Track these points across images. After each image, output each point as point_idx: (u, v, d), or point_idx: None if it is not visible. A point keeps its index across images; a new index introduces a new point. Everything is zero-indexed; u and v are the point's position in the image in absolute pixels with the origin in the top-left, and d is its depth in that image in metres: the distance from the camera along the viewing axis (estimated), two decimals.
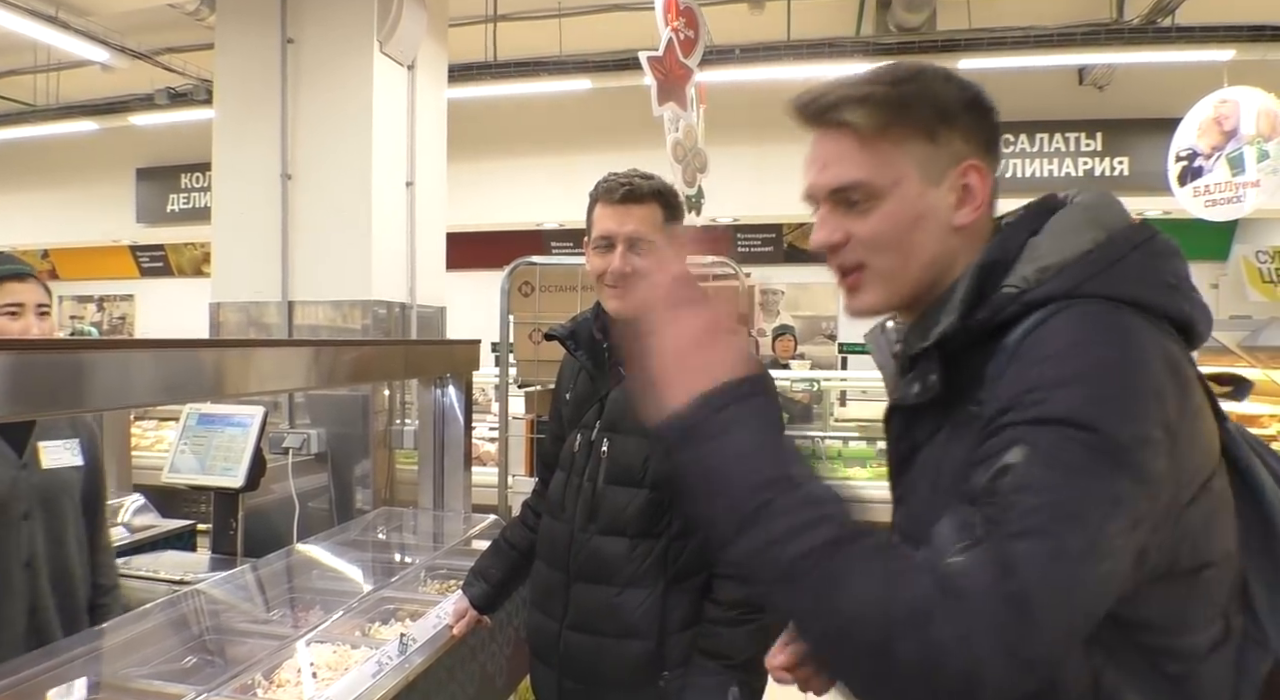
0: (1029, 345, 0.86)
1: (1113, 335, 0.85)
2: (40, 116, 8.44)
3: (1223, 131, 5.93)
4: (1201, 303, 0.96)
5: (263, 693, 1.83)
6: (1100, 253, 0.92)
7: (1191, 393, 0.86)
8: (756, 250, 10.07)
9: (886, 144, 0.96)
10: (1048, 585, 0.73)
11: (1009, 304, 0.90)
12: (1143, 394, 0.81)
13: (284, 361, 2.19)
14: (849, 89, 0.98)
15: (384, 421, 4.08)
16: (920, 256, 0.97)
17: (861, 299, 1.01)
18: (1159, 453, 0.80)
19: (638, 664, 1.68)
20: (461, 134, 5.33)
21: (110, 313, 12.53)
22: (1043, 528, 0.75)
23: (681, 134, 4.69)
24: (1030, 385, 0.82)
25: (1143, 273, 0.92)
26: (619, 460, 1.73)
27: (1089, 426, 0.78)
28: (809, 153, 1.03)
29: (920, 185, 0.96)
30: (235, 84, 4.27)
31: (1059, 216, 0.97)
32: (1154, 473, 0.79)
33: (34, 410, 1.45)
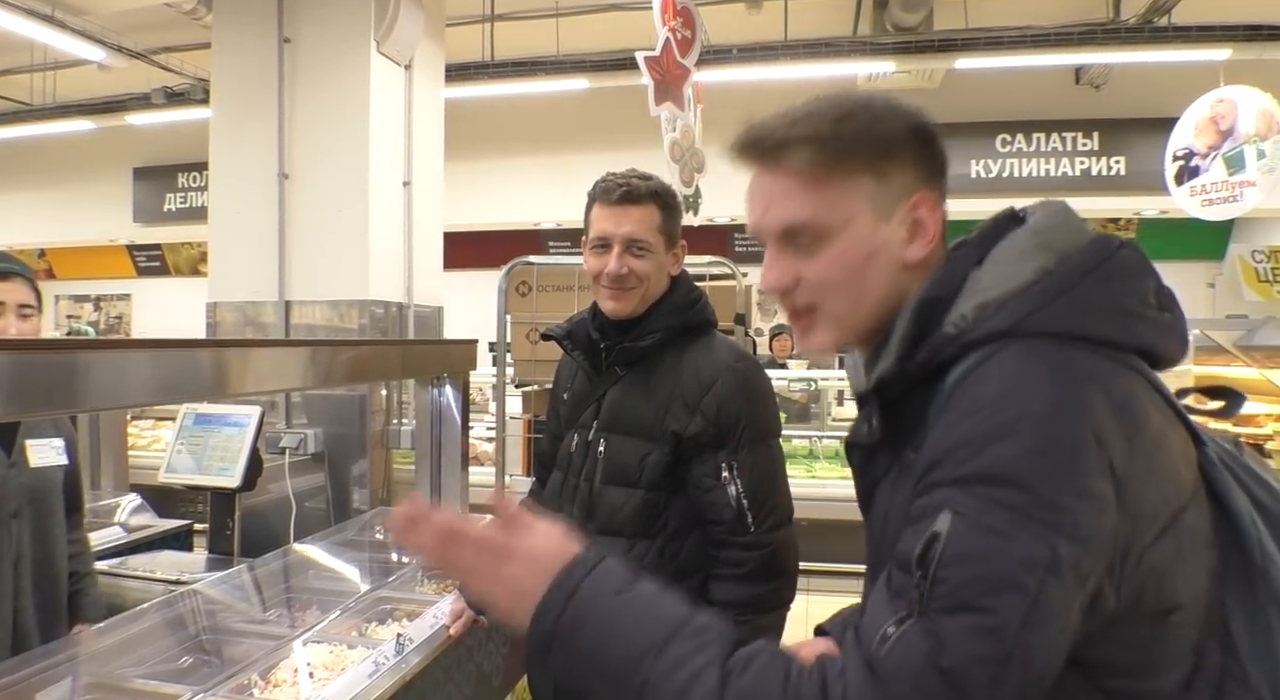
0: (961, 392, 0.82)
1: (1048, 380, 0.79)
2: (37, 116, 8.43)
3: (1219, 131, 5.94)
4: (1169, 323, 0.89)
5: (259, 693, 1.82)
6: (1049, 281, 0.85)
7: (1144, 428, 0.80)
8: (753, 250, 10.04)
9: (833, 183, 0.93)
10: (980, 661, 0.72)
11: (947, 345, 0.86)
12: (1078, 444, 0.76)
13: (281, 361, 2.18)
14: (789, 129, 0.95)
15: (381, 421, 4.08)
16: (872, 295, 0.94)
17: (813, 339, 0.99)
18: (1101, 507, 0.76)
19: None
20: (459, 134, 5.33)
21: (107, 312, 12.52)
22: (973, 602, 0.73)
23: (679, 134, 4.70)
24: (959, 440, 0.79)
25: (1094, 301, 0.85)
26: (615, 460, 1.73)
27: (1018, 485, 0.75)
28: (749, 191, 1.02)
29: (870, 222, 0.93)
30: (232, 83, 4.26)
31: (1005, 243, 0.91)
32: (1095, 528, 0.75)
33: (30, 410, 1.44)
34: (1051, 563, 0.73)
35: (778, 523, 1.66)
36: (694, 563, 1.69)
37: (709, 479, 1.66)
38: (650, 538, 1.70)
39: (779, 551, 1.65)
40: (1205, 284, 9.13)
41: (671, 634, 0.82)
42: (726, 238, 9.90)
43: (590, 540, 0.94)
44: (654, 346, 1.73)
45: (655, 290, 1.75)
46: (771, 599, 1.65)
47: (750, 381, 1.70)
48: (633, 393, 1.75)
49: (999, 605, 0.72)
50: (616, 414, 1.76)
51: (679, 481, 1.69)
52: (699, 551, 1.70)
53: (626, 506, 1.71)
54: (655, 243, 1.72)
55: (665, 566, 1.69)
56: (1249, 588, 0.85)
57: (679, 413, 1.68)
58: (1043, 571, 0.73)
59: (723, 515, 1.65)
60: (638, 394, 1.74)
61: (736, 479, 1.64)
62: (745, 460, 1.65)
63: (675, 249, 1.77)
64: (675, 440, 1.67)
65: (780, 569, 1.66)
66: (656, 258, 1.73)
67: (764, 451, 1.67)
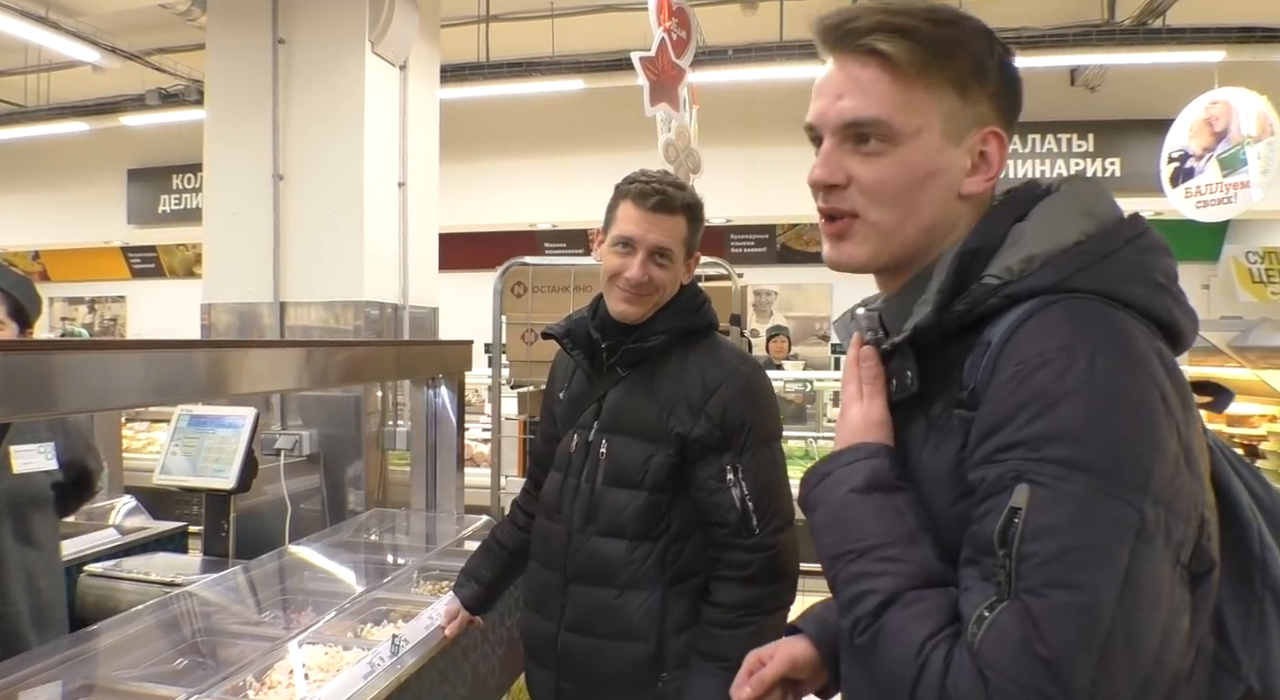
0: (1012, 347, 0.79)
1: (1109, 337, 0.77)
2: (31, 117, 8.41)
3: (1214, 133, 5.96)
4: (1188, 306, 0.88)
5: (254, 694, 1.82)
6: (1092, 245, 0.84)
7: (1189, 393, 0.79)
8: (750, 251, 10.09)
9: (919, 86, 0.88)
10: (1078, 643, 0.68)
11: (990, 296, 0.84)
12: (1148, 401, 0.74)
13: (276, 362, 2.18)
14: (886, 16, 0.88)
15: (376, 423, 4.08)
16: (920, 215, 0.91)
17: (846, 250, 0.94)
18: (1178, 465, 0.73)
19: (637, 665, 1.68)
20: (454, 135, 5.33)
21: (101, 314, 12.49)
22: (1062, 578, 0.70)
23: (674, 135, 4.69)
24: (1024, 399, 0.76)
25: (1135, 270, 0.84)
26: (618, 461, 1.72)
27: (1094, 444, 0.72)
28: (822, 78, 0.96)
29: (940, 140, 0.89)
30: (226, 84, 4.25)
31: (1047, 202, 0.89)
32: (1177, 487, 0.73)
33: (24, 412, 1.44)
34: (1140, 527, 0.70)
35: (781, 525, 1.66)
36: (696, 564, 1.70)
37: (714, 481, 1.66)
38: (653, 539, 1.69)
39: (782, 554, 1.66)
40: (1200, 285, 9.16)
41: (871, 547, 0.86)
42: (722, 238, 9.92)
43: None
44: (658, 348, 1.73)
45: (666, 298, 1.75)
46: (773, 601, 1.66)
47: (754, 384, 1.71)
48: (635, 394, 1.74)
49: (1089, 579, 0.69)
50: (618, 415, 1.75)
51: (682, 483, 1.70)
52: (701, 553, 1.70)
53: (630, 508, 1.70)
54: (678, 253, 1.72)
55: (667, 568, 1.69)
56: (1245, 578, 0.84)
57: (683, 415, 1.68)
58: (1132, 538, 0.70)
59: (727, 518, 1.65)
60: (640, 395, 1.73)
61: (741, 482, 1.64)
62: (750, 463, 1.65)
63: (691, 258, 1.78)
64: (680, 442, 1.67)
65: (783, 571, 1.66)
66: (676, 267, 1.73)
67: (768, 454, 1.68)
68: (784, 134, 8.12)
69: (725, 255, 8.72)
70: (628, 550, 1.69)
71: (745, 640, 1.61)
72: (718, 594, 1.67)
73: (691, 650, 1.67)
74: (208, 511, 3.15)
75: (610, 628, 1.70)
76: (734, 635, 1.63)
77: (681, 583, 1.69)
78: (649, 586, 1.68)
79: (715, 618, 1.65)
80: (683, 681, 1.66)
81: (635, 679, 1.69)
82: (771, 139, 8.07)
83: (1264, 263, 8.66)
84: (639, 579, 1.68)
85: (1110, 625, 0.69)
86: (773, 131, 8.07)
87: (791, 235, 9.98)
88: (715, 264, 3.53)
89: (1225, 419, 2.61)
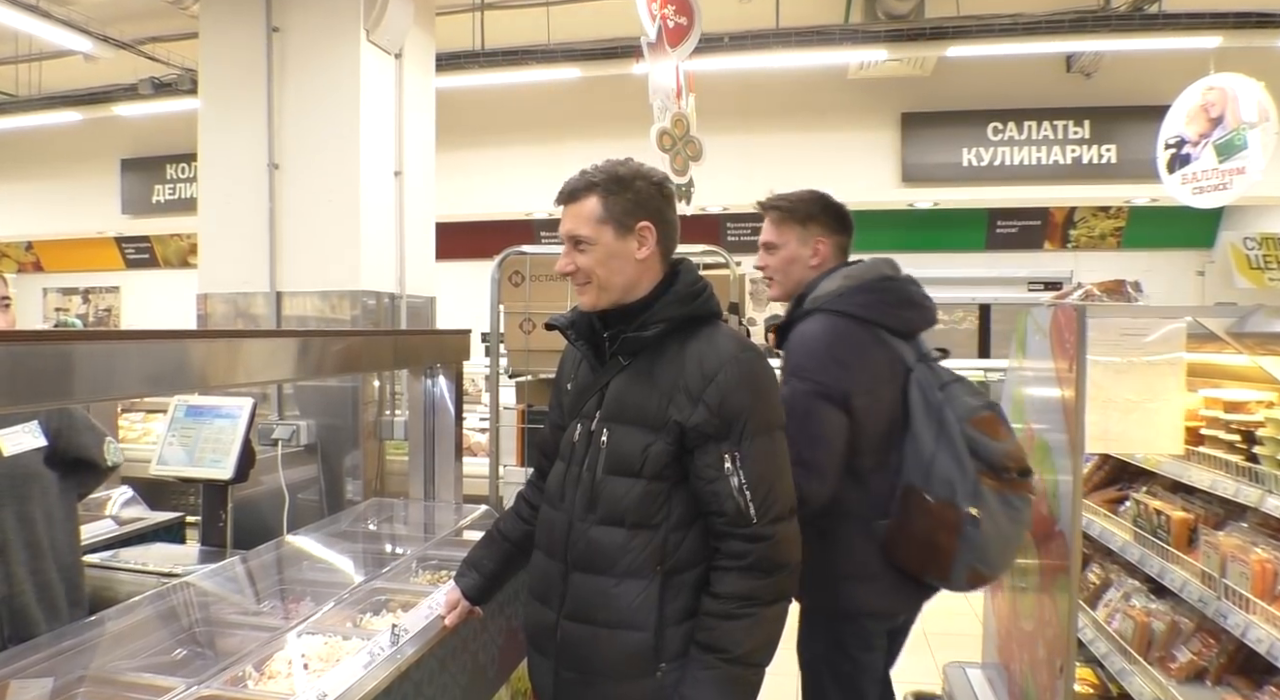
0: (798, 331, 2.18)
1: (827, 327, 2.14)
2: (22, 107, 8.36)
3: (1210, 119, 5.95)
4: (906, 315, 2.25)
5: (254, 684, 1.82)
6: (845, 291, 2.18)
7: (865, 350, 2.14)
8: (746, 239, 10.05)
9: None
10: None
11: (803, 308, 2.22)
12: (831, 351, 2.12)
13: (272, 352, 2.18)
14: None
15: (374, 412, 4.07)
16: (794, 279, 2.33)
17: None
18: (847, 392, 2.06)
19: (634, 655, 1.68)
20: (450, 123, 5.31)
21: (96, 305, 12.44)
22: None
23: (669, 123, 4.67)
24: (798, 349, 2.16)
25: (862, 300, 2.17)
26: (618, 450, 1.72)
27: (808, 364, 2.12)
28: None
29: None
30: (220, 73, 4.23)
31: (831, 274, 2.26)
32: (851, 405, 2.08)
33: (18, 402, 1.43)
34: (826, 417, 2.06)
35: (779, 515, 1.66)
36: (696, 554, 1.69)
37: (711, 470, 1.65)
38: (652, 528, 1.69)
39: (781, 544, 1.65)
40: (1195, 272, 9.17)
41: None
42: (719, 227, 9.89)
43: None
44: (657, 336, 1.73)
45: (618, 279, 1.74)
46: (772, 591, 1.65)
47: (754, 372, 1.69)
48: (636, 383, 1.74)
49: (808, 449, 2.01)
50: (620, 404, 1.75)
51: (682, 472, 1.69)
52: (701, 542, 1.69)
53: (629, 496, 1.70)
54: (597, 234, 1.72)
55: (667, 557, 1.69)
56: (915, 424, 2.13)
57: (682, 403, 1.67)
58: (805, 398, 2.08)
59: (725, 507, 1.64)
60: (641, 384, 1.73)
61: (739, 470, 1.63)
62: (748, 451, 1.64)
63: (634, 232, 1.73)
64: (679, 430, 1.67)
65: (781, 562, 1.66)
66: (602, 248, 1.72)
67: (766, 443, 1.67)
68: (781, 122, 8.11)
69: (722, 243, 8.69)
70: (626, 539, 1.69)
71: (743, 632, 1.62)
72: (716, 584, 1.66)
73: (690, 641, 1.66)
74: (205, 502, 3.15)
75: (608, 616, 1.70)
76: (732, 626, 1.62)
77: (681, 573, 1.69)
78: (647, 575, 1.68)
79: (713, 608, 1.65)
80: (681, 673, 1.66)
81: (633, 669, 1.68)
82: (767, 127, 8.05)
83: (1261, 248, 8.66)
84: (637, 568, 1.68)
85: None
86: (768, 120, 8.06)
87: None
88: (713, 252, 3.52)
89: (1223, 405, 2.61)
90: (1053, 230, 9.45)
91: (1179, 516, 2.66)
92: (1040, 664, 2.63)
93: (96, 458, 2.53)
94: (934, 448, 2.07)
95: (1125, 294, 2.84)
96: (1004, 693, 3.04)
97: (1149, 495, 2.92)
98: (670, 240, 1.78)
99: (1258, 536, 2.42)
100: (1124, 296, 2.84)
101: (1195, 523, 2.64)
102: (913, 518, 2.07)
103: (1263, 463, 2.38)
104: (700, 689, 1.63)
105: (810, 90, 7.97)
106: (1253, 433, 2.46)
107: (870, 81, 7.88)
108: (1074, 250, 9.50)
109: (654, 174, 1.77)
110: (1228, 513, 2.63)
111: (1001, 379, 3.93)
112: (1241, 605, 2.26)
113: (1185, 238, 9.10)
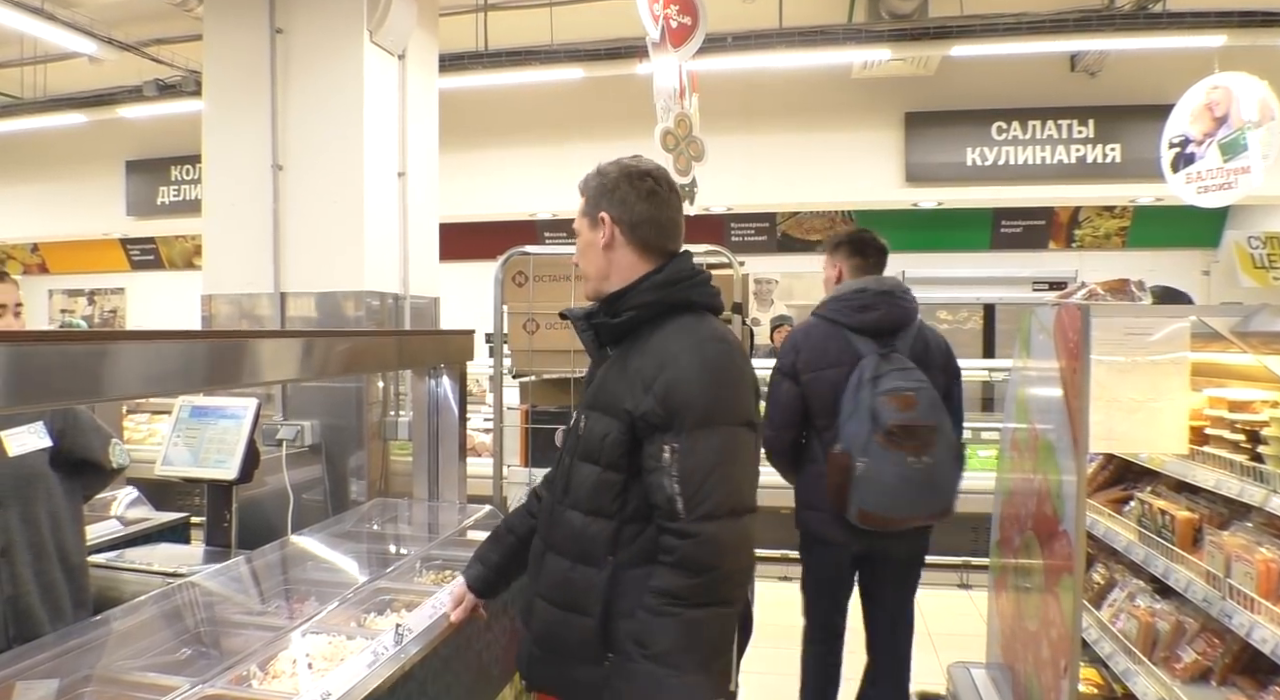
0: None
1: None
2: (27, 109, 8.38)
3: (1215, 118, 5.93)
4: (861, 318, 2.88)
5: (258, 684, 1.82)
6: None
7: (822, 346, 2.91)
8: (750, 239, 10.06)
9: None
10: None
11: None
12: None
13: (277, 353, 2.18)
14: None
15: (378, 412, 4.08)
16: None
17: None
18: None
19: (584, 641, 1.69)
20: (453, 124, 5.31)
21: (101, 306, 12.47)
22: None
23: (673, 123, 4.68)
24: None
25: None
26: (588, 437, 1.75)
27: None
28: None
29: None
30: (224, 75, 4.24)
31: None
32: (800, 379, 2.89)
33: (25, 402, 1.44)
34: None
35: (710, 513, 1.58)
36: (654, 549, 1.66)
37: (652, 460, 1.63)
38: (606, 517, 1.70)
39: (707, 544, 1.57)
40: (1200, 272, 9.14)
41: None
42: (723, 227, 9.90)
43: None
44: (628, 324, 1.75)
45: (591, 268, 1.83)
46: (700, 594, 1.58)
47: (710, 365, 1.66)
48: (612, 371, 1.76)
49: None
50: (598, 392, 1.78)
51: (639, 464, 1.68)
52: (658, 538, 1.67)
53: (587, 483, 1.73)
54: (579, 226, 1.84)
55: (620, 549, 1.68)
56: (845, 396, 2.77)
57: (637, 392, 1.66)
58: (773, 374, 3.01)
59: (657, 498, 1.62)
60: (615, 372, 1.75)
61: (675, 463, 1.60)
62: (687, 445, 1.60)
63: (599, 223, 1.79)
64: (630, 419, 1.66)
65: (709, 563, 1.58)
66: (581, 239, 1.84)
67: (709, 438, 1.61)
68: (784, 122, 8.10)
69: (726, 243, 8.70)
70: (583, 525, 1.72)
71: (662, 630, 1.57)
72: (654, 578, 1.62)
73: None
74: (210, 502, 3.16)
75: (565, 599, 1.74)
76: (654, 622, 1.59)
77: (635, 567, 1.67)
78: (598, 563, 1.69)
79: (645, 601, 1.61)
80: (618, 665, 1.65)
81: (584, 654, 1.69)
82: (770, 127, 8.05)
83: (1266, 248, 8.64)
84: (589, 554, 1.70)
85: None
86: (772, 120, 8.05)
87: (792, 224, 9.95)
88: (716, 252, 3.52)
89: (1228, 404, 2.60)
90: (1057, 230, 9.44)
91: (1183, 516, 2.65)
92: (1045, 664, 2.63)
93: (101, 459, 2.54)
94: (850, 413, 2.76)
95: (1129, 293, 2.83)
96: (1008, 693, 3.03)
97: (1153, 495, 2.92)
98: (642, 230, 1.77)
99: (1262, 536, 2.41)
100: (1128, 296, 2.84)
101: (1200, 522, 2.63)
102: (828, 463, 2.78)
103: (1267, 462, 2.37)
104: (627, 681, 1.60)
105: (814, 90, 7.97)
106: (1257, 432, 2.46)
107: (874, 81, 7.87)
108: (1079, 250, 9.48)
109: (636, 168, 1.80)
110: (1232, 513, 2.63)
111: (1006, 379, 3.92)
112: (1246, 605, 2.26)
113: (1190, 237, 9.08)
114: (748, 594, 1.70)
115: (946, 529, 2.94)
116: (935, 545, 3.12)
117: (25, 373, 1.34)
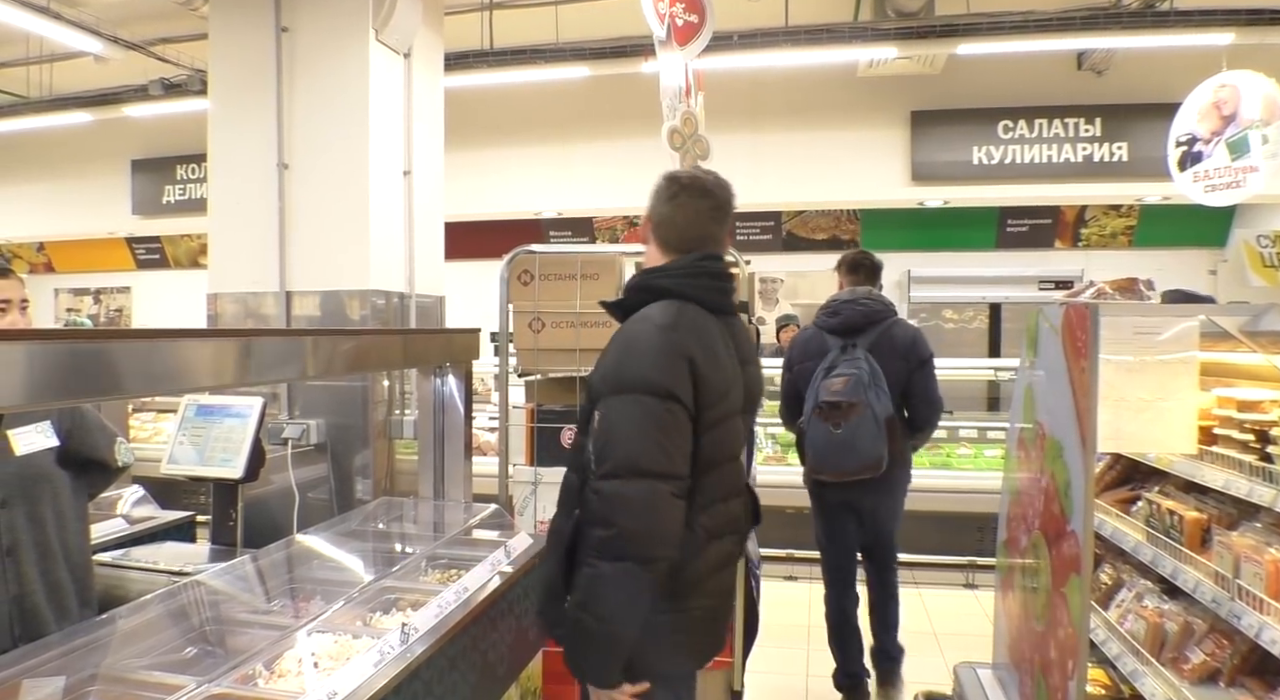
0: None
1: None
2: (33, 108, 8.39)
3: (1222, 116, 5.91)
4: (831, 322, 3.69)
5: (264, 683, 1.82)
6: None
7: (804, 346, 3.78)
8: (755, 238, 10.05)
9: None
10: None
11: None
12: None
13: (282, 352, 2.18)
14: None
15: (384, 411, 4.08)
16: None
17: None
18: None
19: (553, 582, 1.86)
20: (459, 122, 5.31)
21: (107, 305, 12.50)
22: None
23: (679, 121, 4.67)
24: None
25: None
26: (580, 409, 1.98)
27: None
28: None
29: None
30: (230, 74, 4.24)
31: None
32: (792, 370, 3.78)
33: (31, 400, 1.43)
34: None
35: (611, 472, 1.73)
36: None
37: (590, 424, 1.84)
38: (577, 471, 1.89)
39: (608, 499, 1.72)
40: (1207, 271, 9.11)
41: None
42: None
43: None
44: (619, 305, 1.97)
45: (645, 258, 2.09)
46: (611, 549, 1.70)
47: (635, 338, 1.83)
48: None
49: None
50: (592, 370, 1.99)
51: None
52: None
53: (575, 446, 1.97)
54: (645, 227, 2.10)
55: (583, 507, 1.82)
56: (812, 382, 3.61)
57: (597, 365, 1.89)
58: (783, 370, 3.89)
59: (586, 457, 1.82)
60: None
61: (598, 426, 1.79)
62: (604, 409, 1.79)
63: (645, 223, 2.07)
64: (587, 388, 1.89)
65: (609, 519, 1.71)
66: (644, 231, 2.08)
67: (622, 403, 1.76)
68: (790, 120, 8.08)
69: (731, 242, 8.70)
70: (566, 481, 1.93)
71: (585, 579, 1.74)
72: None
73: None
74: (215, 501, 3.16)
75: (551, 543, 1.93)
76: (582, 572, 1.75)
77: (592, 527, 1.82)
78: (566, 515, 1.88)
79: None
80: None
81: (556, 592, 1.86)
82: (775, 126, 8.03)
83: (1275, 246, 8.60)
84: (564, 503, 1.91)
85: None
86: (777, 118, 8.03)
87: (797, 223, 9.94)
88: None
89: (1236, 404, 2.59)
90: (1064, 229, 9.41)
91: (1192, 517, 2.64)
92: (1052, 665, 2.62)
93: (107, 458, 2.54)
94: (810, 394, 3.60)
95: (1138, 292, 2.82)
96: (1015, 693, 3.02)
97: (1161, 495, 2.90)
98: (662, 229, 2.01)
99: (1271, 537, 2.40)
100: (1137, 294, 2.82)
101: (1208, 523, 2.62)
102: (796, 432, 3.73)
103: (1276, 462, 2.36)
104: (569, 623, 1.77)
105: (819, 88, 7.94)
106: (1266, 432, 2.44)
107: (880, 79, 7.86)
108: (1085, 249, 9.45)
109: (674, 175, 2.04)
110: (1241, 513, 2.61)
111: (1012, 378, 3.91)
112: (1255, 606, 2.24)
113: (1198, 236, 9.04)
114: (669, 556, 1.76)
115: (952, 528, 2.94)
116: (941, 545, 3.12)
117: (31, 371, 1.34)
